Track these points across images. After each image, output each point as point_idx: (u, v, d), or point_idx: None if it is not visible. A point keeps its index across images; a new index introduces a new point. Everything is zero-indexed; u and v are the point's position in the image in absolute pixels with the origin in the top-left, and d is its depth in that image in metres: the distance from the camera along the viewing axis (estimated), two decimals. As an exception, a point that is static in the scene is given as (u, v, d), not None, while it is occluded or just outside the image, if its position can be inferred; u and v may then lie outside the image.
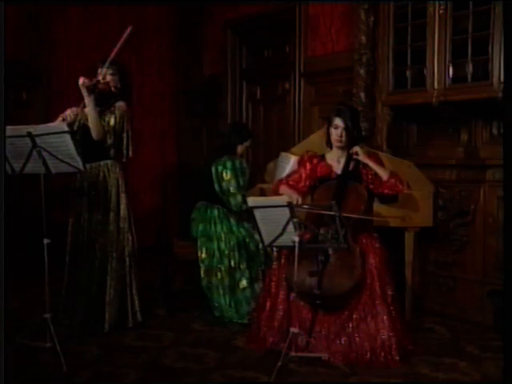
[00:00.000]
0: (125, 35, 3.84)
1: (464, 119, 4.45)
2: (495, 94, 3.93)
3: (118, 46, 3.85)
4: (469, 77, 4.11)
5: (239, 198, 4.31)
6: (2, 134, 3.23)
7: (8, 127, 3.31)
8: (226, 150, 4.45)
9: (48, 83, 5.93)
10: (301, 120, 5.69)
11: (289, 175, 4.04)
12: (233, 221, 4.40)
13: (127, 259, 4.08)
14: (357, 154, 3.72)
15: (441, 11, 4.19)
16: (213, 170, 4.40)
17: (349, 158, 3.76)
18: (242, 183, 4.37)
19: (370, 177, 3.76)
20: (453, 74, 4.18)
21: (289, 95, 5.93)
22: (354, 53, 4.74)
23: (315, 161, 3.89)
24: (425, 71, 4.31)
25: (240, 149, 4.50)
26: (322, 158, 3.91)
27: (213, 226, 4.39)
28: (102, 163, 4.05)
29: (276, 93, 6.18)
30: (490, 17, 3.95)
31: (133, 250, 4.12)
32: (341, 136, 3.75)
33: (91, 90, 3.89)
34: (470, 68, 4.10)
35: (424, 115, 4.59)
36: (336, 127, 3.75)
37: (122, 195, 4.09)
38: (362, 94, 4.67)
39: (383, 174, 3.71)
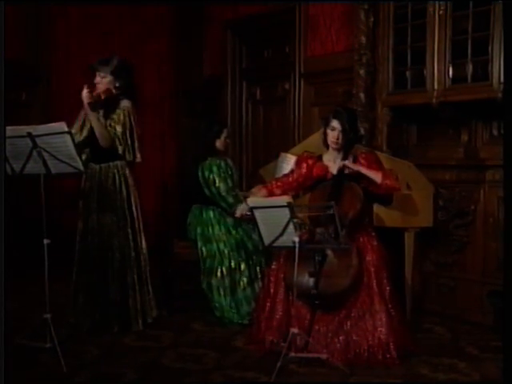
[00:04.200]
0: None
1: (464, 120, 4.45)
2: (495, 94, 3.93)
3: None
4: (469, 77, 4.11)
5: (230, 199, 4.31)
6: (2, 134, 3.22)
7: (8, 127, 3.29)
8: (206, 150, 4.41)
9: (48, 83, 5.92)
10: (301, 120, 5.69)
11: (279, 177, 4.08)
12: (229, 221, 4.39)
13: (142, 258, 4.11)
14: (344, 166, 3.71)
15: (441, 11, 4.19)
16: (199, 174, 4.37)
17: (341, 171, 3.74)
18: (230, 184, 4.35)
19: (365, 181, 3.74)
20: (453, 75, 4.19)
21: (289, 95, 5.93)
22: (354, 53, 4.73)
23: (310, 161, 3.91)
24: (425, 71, 4.31)
25: (219, 143, 4.43)
26: (319, 158, 3.92)
27: (210, 228, 4.38)
28: (111, 164, 4.04)
29: (276, 93, 6.18)
30: (490, 17, 3.96)
31: (146, 249, 4.15)
32: (337, 138, 3.74)
33: (93, 105, 3.85)
34: (469, 68, 4.10)
35: (424, 116, 4.58)
36: (333, 129, 3.75)
37: (133, 196, 4.09)
38: (362, 95, 4.67)
39: (376, 178, 3.69)
